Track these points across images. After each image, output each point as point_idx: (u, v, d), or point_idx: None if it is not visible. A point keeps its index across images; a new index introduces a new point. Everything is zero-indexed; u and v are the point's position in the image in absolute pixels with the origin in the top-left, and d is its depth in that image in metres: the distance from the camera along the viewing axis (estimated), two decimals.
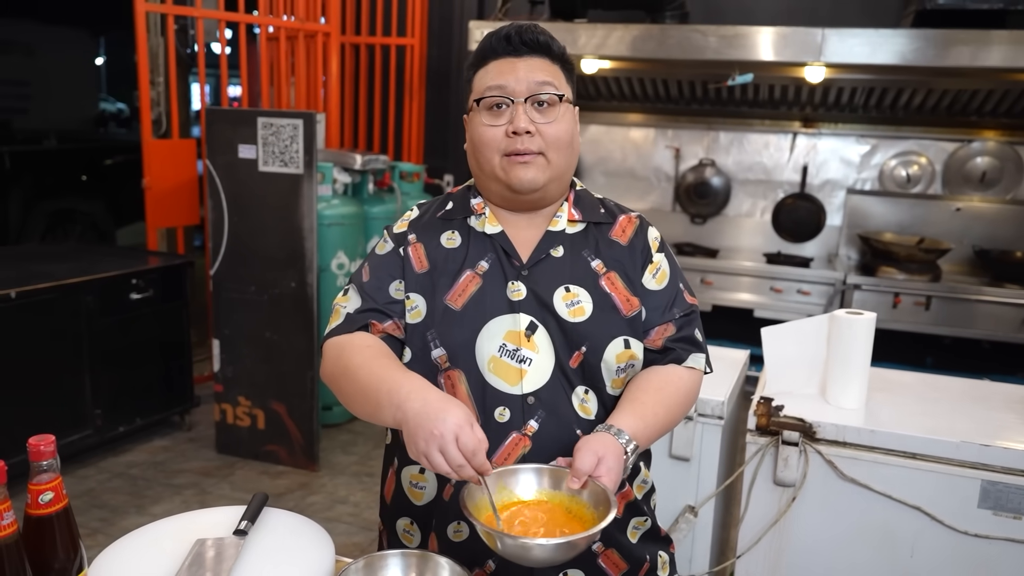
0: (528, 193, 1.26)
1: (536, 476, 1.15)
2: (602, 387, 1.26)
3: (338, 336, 1.26)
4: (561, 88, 1.26)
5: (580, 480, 1.09)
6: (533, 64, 1.24)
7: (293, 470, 3.51)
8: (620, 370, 1.26)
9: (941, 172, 4.75)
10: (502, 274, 1.26)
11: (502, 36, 1.25)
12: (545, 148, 1.23)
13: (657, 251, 1.33)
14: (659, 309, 1.29)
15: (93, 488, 3.26)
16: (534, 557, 1.03)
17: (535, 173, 1.23)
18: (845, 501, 1.94)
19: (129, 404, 3.60)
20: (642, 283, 1.29)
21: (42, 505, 0.98)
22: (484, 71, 1.26)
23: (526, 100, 1.22)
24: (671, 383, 1.27)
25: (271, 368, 3.48)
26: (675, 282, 1.33)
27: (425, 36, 4.97)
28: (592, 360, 1.24)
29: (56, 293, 3.22)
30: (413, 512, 1.31)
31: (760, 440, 1.99)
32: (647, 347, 1.29)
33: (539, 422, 1.22)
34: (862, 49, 3.82)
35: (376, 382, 1.14)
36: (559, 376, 1.23)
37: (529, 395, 1.22)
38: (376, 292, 1.27)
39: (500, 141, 1.23)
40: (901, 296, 4.22)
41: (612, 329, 1.25)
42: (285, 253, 3.38)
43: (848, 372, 2.03)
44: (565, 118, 1.25)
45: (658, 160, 5.22)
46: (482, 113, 1.24)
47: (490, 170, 1.25)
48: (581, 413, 1.24)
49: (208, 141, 3.44)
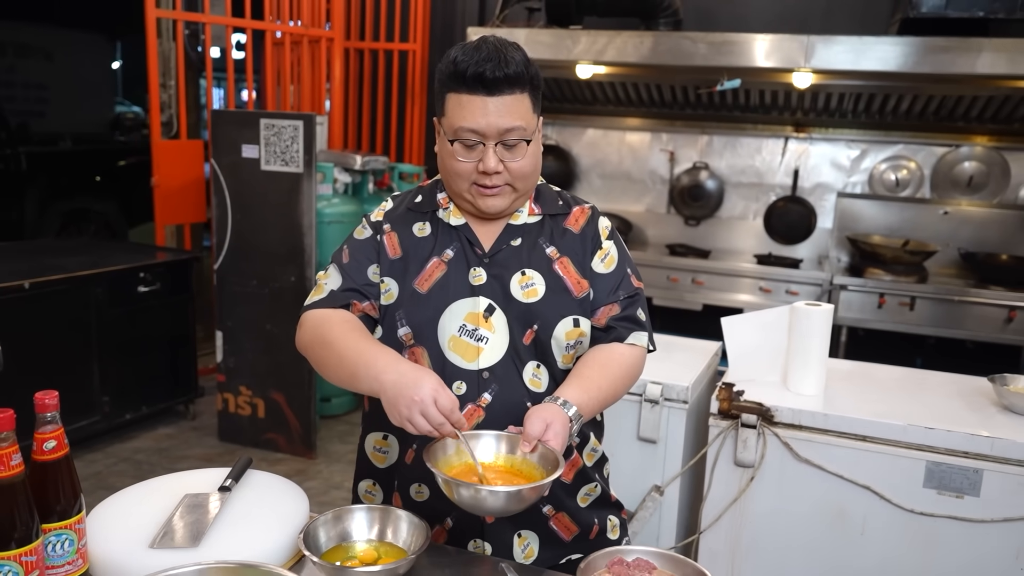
0: (495, 216, 1.40)
1: (495, 441, 1.28)
2: (553, 362, 1.38)
3: (319, 309, 1.39)
4: (529, 124, 1.33)
5: (531, 444, 1.22)
6: (504, 105, 1.28)
7: (291, 457, 3.65)
8: (570, 347, 1.38)
9: (930, 176, 4.85)
10: (465, 261, 1.39)
11: (476, 74, 1.26)
12: (512, 180, 1.35)
13: (607, 239, 1.46)
14: (605, 291, 1.42)
15: (100, 471, 3.41)
16: (487, 506, 1.16)
17: (501, 201, 1.36)
18: (800, 481, 2.05)
19: (136, 393, 3.75)
20: (591, 267, 1.42)
21: (46, 452, 1.12)
22: (457, 101, 1.30)
23: (497, 143, 1.31)
24: (614, 360, 1.40)
25: (271, 359, 3.62)
26: (623, 267, 1.45)
27: (427, 42, 5.11)
28: (543, 337, 1.36)
29: (67, 285, 3.38)
30: (376, 474, 1.44)
31: (722, 423, 2.12)
32: (593, 325, 1.41)
33: (492, 394, 1.35)
34: (847, 56, 3.94)
35: (354, 355, 1.27)
36: (512, 353, 1.36)
37: (484, 370, 1.35)
38: (355, 273, 1.40)
39: (470, 174, 1.34)
40: (886, 296, 4.32)
41: (563, 309, 1.38)
42: (286, 249, 3.53)
43: (807, 360, 2.15)
44: (530, 152, 1.35)
45: (653, 163, 5.34)
46: (456, 148, 1.33)
47: (459, 192, 1.38)
48: (531, 386, 1.36)
49: (213, 141, 3.60)
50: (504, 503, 1.16)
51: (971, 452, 1.91)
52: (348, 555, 1.25)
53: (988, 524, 1.91)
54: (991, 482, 1.90)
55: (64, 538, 1.13)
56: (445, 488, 1.17)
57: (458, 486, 1.14)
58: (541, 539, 1.40)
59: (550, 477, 1.16)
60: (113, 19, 8.28)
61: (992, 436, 1.90)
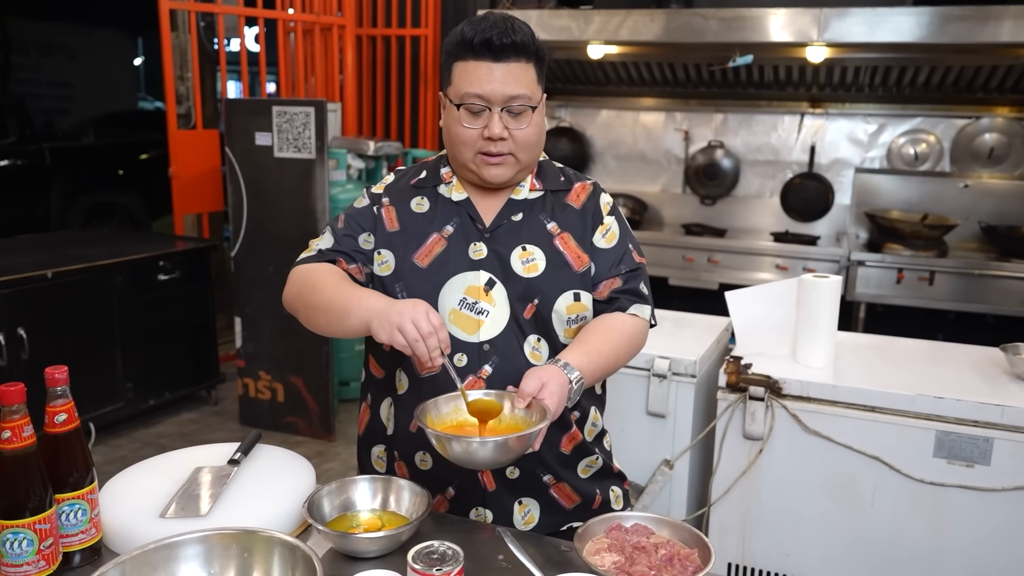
0: (498, 186, 1.41)
1: (492, 399, 1.29)
2: (554, 336, 1.40)
3: (306, 264, 1.43)
4: (534, 94, 1.36)
5: (525, 400, 1.23)
6: (510, 72, 1.31)
7: (311, 440, 3.71)
8: (571, 321, 1.40)
9: (949, 149, 4.78)
10: (465, 236, 1.41)
11: (483, 40, 1.30)
12: (515, 150, 1.36)
13: (608, 214, 1.47)
14: (607, 265, 1.43)
15: (125, 456, 3.49)
16: (477, 457, 1.17)
17: (504, 171, 1.38)
18: (809, 452, 2.06)
19: (159, 379, 3.82)
20: (592, 242, 1.43)
21: (57, 424, 1.16)
22: (463, 68, 1.33)
23: (502, 109, 1.34)
24: (615, 327, 1.41)
25: (289, 344, 3.68)
26: (624, 242, 1.47)
27: (439, 26, 5.12)
28: (544, 311, 1.38)
29: (89, 274, 3.45)
30: (385, 440, 1.47)
31: (730, 396, 2.12)
32: (595, 299, 1.43)
33: (493, 366, 1.37)
34: (862, 28, 3.89)
35: (343, 297, 1.30)
36: (513, 326, 1.38)
37: (485, 343, 1.37)
38: (346, 239, 1.43)
39: (475, 141, 1.36)
40: (904, 272, 4.27)
41: (563, 283, 1.39)
42: (300, 234, 3.56)
43: (816, 333, 2.14)
44: (535, 121, 1.37)
45: (668, 143, 5.31)
46: (461, 114, 1.36)
47: (463, 162, 1.39)
48: (532, 359, 1.38)
49: (228, 130, 3.65)
50: (492, 453, 1.17)
51: (981, 421, 1.90)
52: (352, 524, 1.28)
53: (999, 493, 1.90)
54: (1001, 451, 1.89)
55: (77, 507, 1.17)
56: (437, 444, 1.19)
57: (449, 440, 1.17)
58: (542, 507, 1.43)
59: (536, 426, 1.17)
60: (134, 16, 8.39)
61: (1002, 404, 1.89)
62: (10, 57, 7.07)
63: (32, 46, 7.23)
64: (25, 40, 7.16)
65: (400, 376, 1.42)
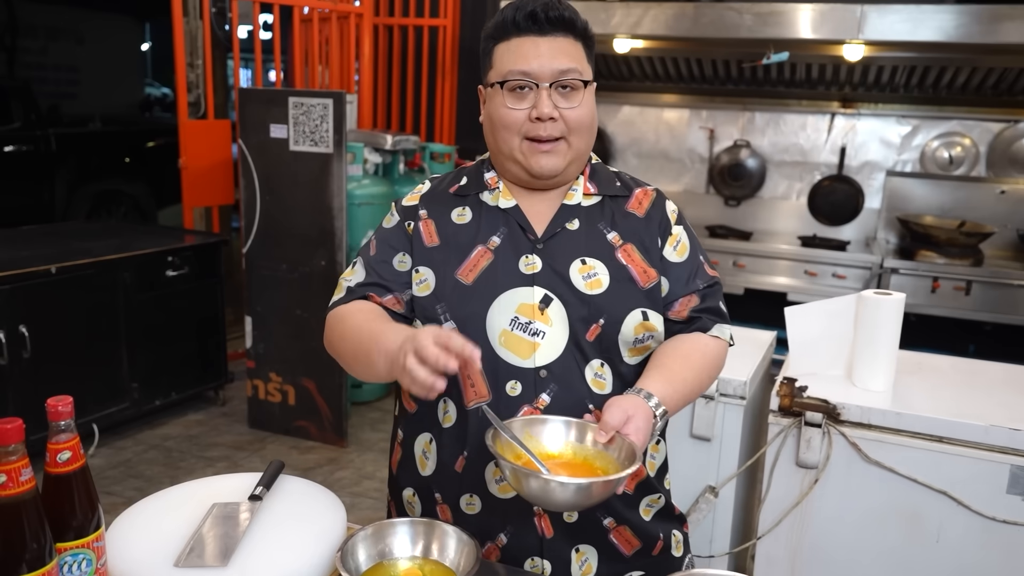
0: (547, 178, 1.26)
1: (563, 427, 1.15)
2: (619, 361, 1.25)
3: (339, 307, 1.29)
4: (584, 71, 1.24)
5: (608, 434, 1.09)
6: (557, 46, 1.21)
7: (322, 445, 3.57)
8: (638, 341, 1.25)
9: (985, 154, 4.61)
10: (515, 248, 1.26)
11: (527, 13, 1.21)
12: (567, 133, 1.22)
13: (676, 224, 1.33)
14: (681, 280, 1.29)
15: (130, 459, 3.35)
16: (555, 498, 1.03)
17: (556, 160, 1.23)
18: (869, 484, 1.91)
19: (165, 379, 3.68)
20: (663, 255, 1.29)
21: (60, 464, 1.01)
22: (506, 47, 1.23)
23: (551, 85, 1.21)
24: (698, 350, 1.27)
25: (301, 345, 3.53)
26: (695, 255, 1.33)
27: (458, 17, 4.95)
28: (610, 332, 1.23)
29: (94, 269, 3.31)
30: (418, 481, 1.32)
31: (783, 421, 1.97)
32: (672, 319, 1.29)
33: (551, 395, 1.22)
34: (903, 26, 3.72)
35: (367, 338, 1.15)
36: (573, 349, 1.23)
37: (541, 368, 1.22)
38: (380, 266, 1.28)
39: (522, 124, 1.22)
40: (940, 280, 4.11)
41: (629, 301, 1.25)
42: (315, 232, 3.42)
43: (876, 354, 1.99)
44: (587, 101, 1.24)
45: (692, 141, 5.15)
46: (504, 94, 1.22)
47: (509, 151, 1.25)
48: (594, 388, 1.23)
49: (241, 121, 3.49)
50: (574, 496, 1.02)
51: None
52: (390, 574, 1.13)
53: None
54: None
55: (81, 558, 1.02)
56: (511, 476, 1.04)
57: (527, 476, 1.02)
58: (600, 554, 1.28)
59: (626, 471, 1.03)
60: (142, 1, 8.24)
61: None
62: (16, 40, 6.91)
63: (39, 29, 7.07)
64: (32, 23, 7.01)
65: (446, 407, 1.27)
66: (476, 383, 1.22)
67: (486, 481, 1.24)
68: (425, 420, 1.30)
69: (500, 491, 1.24)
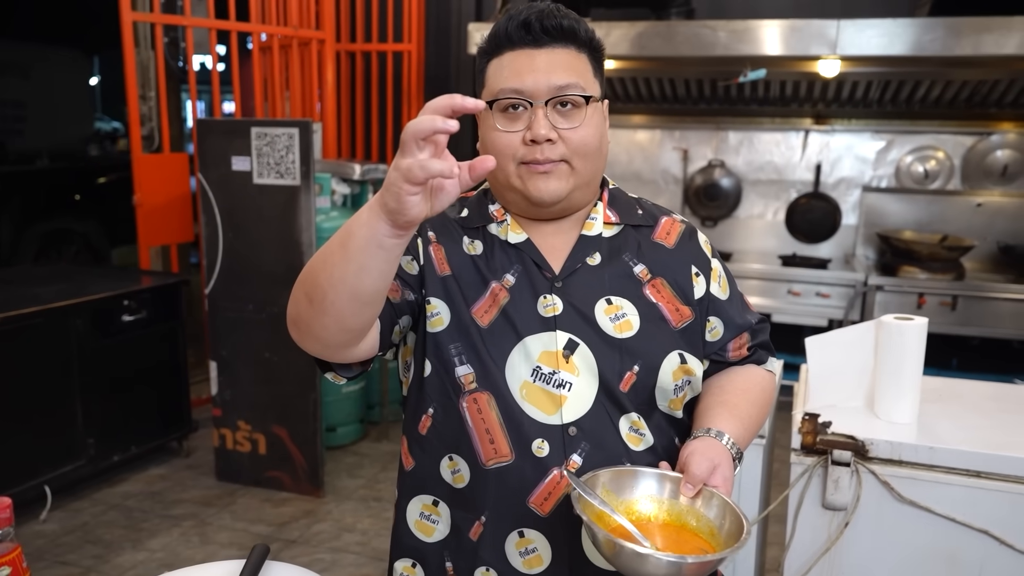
0: (550, 205, 1.10)
1: (656, 482, 1.02)
2: (657, 412, 1.11)
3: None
4: (588, 86, 1.08)
5: (695, 488, 0.98)
6: (556, 58, 1.06)
7: (297, 496, 3.34)
8: (678, 389, 1.11)
9: (960, 167, 4.60)
10: (531, 287, 1.10)
11: (520, 22, 1.06)
12: (569, 156, 1.07)
13: (713, 256, 1.21)
14: (732, 318, 1.19)
15: (87, 522, 3.09)
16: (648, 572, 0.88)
17: (557, 184, 1.07)
18: (903, 525, 1.77)
19: (123, 431, 3.42)
20: (709, 292, 1.16)
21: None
22: (499, 63, 1.08)
23: (547, 103, 1.05)
24: (756, 383, 1.19)
25: (271, 390, 3.31)
26: (735, 288, 1.23)
27: (422, 41, 4.81)
28: (646, 381, 1.08)
29: (43, 318, 3.06)
30: (419, 551, 1.14)
31: (806, 460, 1.82)
32: (732, 360, 1.20)
33: (583, 456, 1.06)
34: (880, 40, 3.68)
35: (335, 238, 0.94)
36: (604, 402, 1.07)
37: (570, 425, 1.06)
38: None
39: (516, 148, 1.06)
40: (926, 296, 4.06)
41: (665, 343, 1.10)
42: (283, 269, 3.22)
43: (899, 383, 1.86)
44: (592, 121, 1.08)
45: (665, 162, 5.07)
46: (496, 116, 1.07)
47: (505, 179, 1.09)
48: (630, 444, 1.08)
49: (200, 154, 3.29)
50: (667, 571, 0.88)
51: None
52: None
53: None
54: None
55: None
56: (606, 545, 0.89)
57: (622, 547, 0.87)
58: None
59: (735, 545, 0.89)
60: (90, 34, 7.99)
61: None
62: None
63: None
64: None
65: (454, 464, 1.10)
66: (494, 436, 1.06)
67: (507, 554, 1.08)
68: (428, 480, 1.13)
69: (525, 565, 1.08)
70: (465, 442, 1.08)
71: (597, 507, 0.94)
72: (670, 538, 0.97)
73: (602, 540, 0.89)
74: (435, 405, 1.10)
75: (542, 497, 1.06)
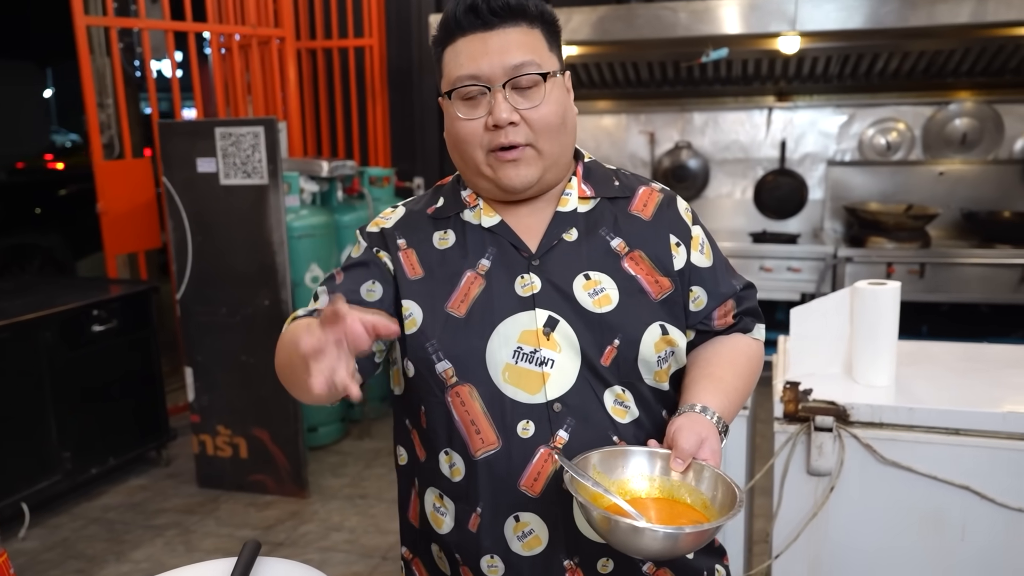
0: (522, 192, 1.10)
1: (643, 459, 1.02)
2: (641, 384, 1.11)
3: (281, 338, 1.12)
4: (544, 62, 1.07)
5: (685, 462, 0.99)
6: (508, 38, 1.05)
7: (282, 499, 3.31)
8: (661, 360, 1.11)
9: (920, 137, 4.68)
10: (508, 269, 1.10)
11: (468, 7, 1.05)
12: (534, 138, 1.07)
13: (693, 223, 1.19)
14: (716, 286, 1.17)
15: (68, 537, 3.03)
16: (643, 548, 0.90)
17: (527, 170, 1.08)
18: (887, 487, 1.80)
19: (100, 443, 3.37)
20: (690, 261, 1.15)
21: None
22: (453, 51, 1.08)
23: (505, 85, 1.04)
24: (742, 353, 1.18)
25: (250, 393, 3.28)
26: (719, 255, 1.22)
27: (384, 35, 4.78)
28: (628, 354, 1.08)
29: (10, 332, 2.99)
30: (440, 540, 1.14)
31: (789, 428, 1.85)
32: (717, 328, 1.19)
33: (569, 432, 1.06)
34: (838, 15, 3.72)
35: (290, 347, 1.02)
36: (587, 376, 1.07)
37: (554, 402, 1.06)
38: (347, 293, 1.09)
39: (481, 136, 1.06)
40: (894, 265, 4.12)
41: (645, 315, 1.10)
42: (255, 270, 3.18)
43: (876, 347, 1.89)
44: (552, 97, 1.07)
45: (632, 146, 5.09)
46: (456, 104, 1.07)
47: (475, 167, 1.09)
48: (616, 416, 1.08)
49: (164, 158, 3.23)
50: (663, 544, 0.90)
51: None
52: None
53: None
54: None
55: None
56: (600, 522, 0.90)
57: (616, 523, 0.88)
58: None
59: (728, 516, 0.90)
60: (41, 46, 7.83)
61: None
62: None
63: None
64: None
65: (450, 459, 1.10)
66: (480, 426, 1.06)
67: (506, 539, 1.09)
68: (434, 472, 1.13)
69: (524, 548, 1.08)
70: (456, 436, 1.08)
71: (591, 488, 0.95)
72: (664, 512, 0.98)
73: (597, 518, 0.90)
74: (425, 404, 1.11)
75: (531, 478, 1.06)
